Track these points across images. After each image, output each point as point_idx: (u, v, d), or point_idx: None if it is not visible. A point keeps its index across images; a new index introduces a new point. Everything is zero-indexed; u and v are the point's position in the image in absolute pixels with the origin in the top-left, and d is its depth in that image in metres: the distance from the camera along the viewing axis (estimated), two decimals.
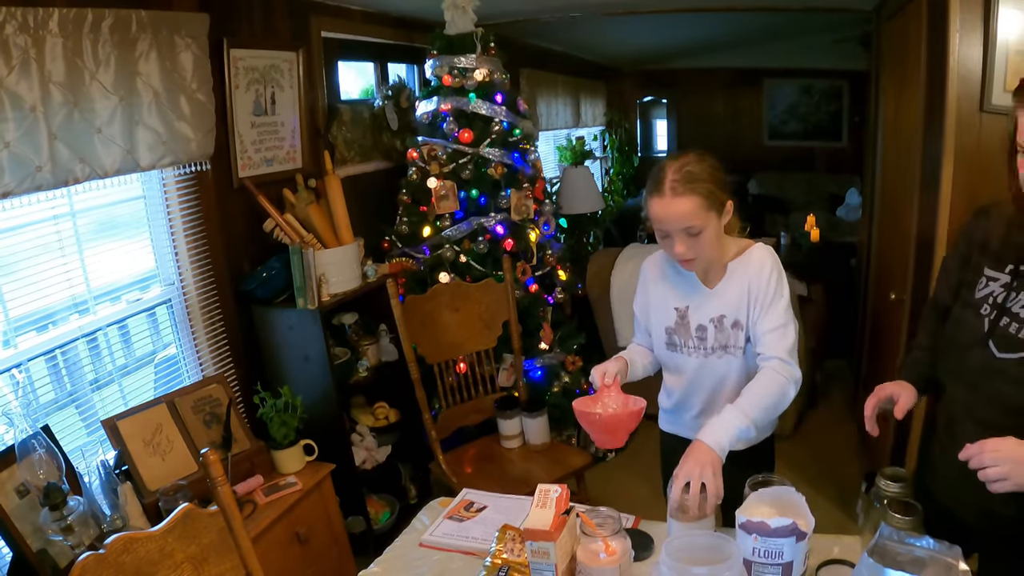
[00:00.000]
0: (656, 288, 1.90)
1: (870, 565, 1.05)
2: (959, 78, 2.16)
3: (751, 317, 1.75)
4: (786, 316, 1.73)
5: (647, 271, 1.94)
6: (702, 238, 1.66)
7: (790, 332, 1.73)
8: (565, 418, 3.51)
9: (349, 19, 3.46)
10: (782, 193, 7.53)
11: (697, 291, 1.82)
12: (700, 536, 1.31)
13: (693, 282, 1.82)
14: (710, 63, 7.63)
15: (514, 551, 1.53)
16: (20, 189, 1.90)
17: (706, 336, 1.81)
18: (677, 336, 1.86)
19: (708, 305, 1.80)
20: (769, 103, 7.88)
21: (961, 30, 2.13)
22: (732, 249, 1.80)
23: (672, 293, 1.86)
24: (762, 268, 1.74)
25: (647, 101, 8.56)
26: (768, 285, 1.72)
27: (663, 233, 1.70)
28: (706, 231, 1.66)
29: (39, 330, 2.17)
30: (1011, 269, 1.43)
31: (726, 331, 1.79)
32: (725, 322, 1.78)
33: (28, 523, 1.85)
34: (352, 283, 2.90)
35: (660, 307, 1.88)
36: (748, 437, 1.62)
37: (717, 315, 1.79)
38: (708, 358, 1.83)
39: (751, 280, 1.74)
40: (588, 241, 5.85)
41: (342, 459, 2.76)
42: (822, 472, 3.41)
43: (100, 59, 2.10)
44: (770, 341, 1.72)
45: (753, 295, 1.74)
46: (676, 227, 1.65)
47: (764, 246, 1.80)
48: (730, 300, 1.77)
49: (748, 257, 1.77)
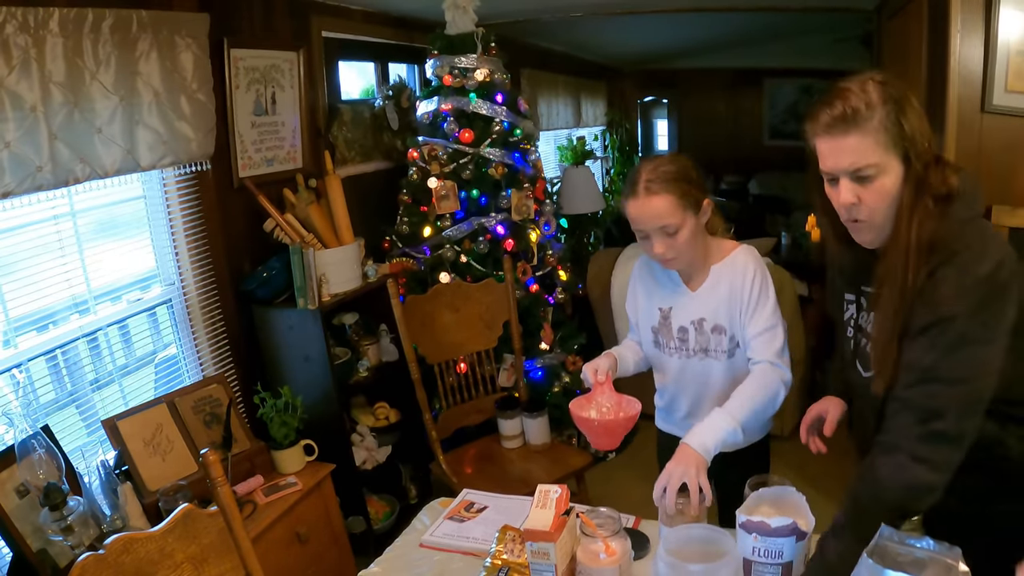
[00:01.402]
0: (643, 288, 1.92)
1: (869, 566, 1.05)
2: (960, 78, 2.17)
3: (738, 322, 1.75)
4: (774, 318, 1.73)
5: (636, 270, 1.96)
6: (679, 237, 1.68)
7: (779, 334, 1.74)
8: (565, 418, 3.50)
9: (350, 19, 3.46)
10: (783, 193, 7.53)
11: (680, 293, 1.83)
12: (696, 529, 1.32)
13: (677, 283, 1.84)
14: (711, 63, 7.63)
15: (514, 552, 1.53)
16: (20, 189, 1.90)
17: (687, 338, 1.83)
18: (661, 336, 1.88)
19: (689, 307, 1.81)
20: (770, 103, 7.88)
21: (962, 30, 2.13)
22: (716, 251, 1.81)
23: (657, 293, 1.88)
24: (745, 273, 1.74)
25: (648, 101, 8.56)
26: (752, 289, 1.73)
27: (642, 234, 1.72)
28: (683, 230, 1.67)
29: (39, 330, 2.17)
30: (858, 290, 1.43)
31: (706, 334, 1.80)
32: (705, 325, 1.79)
33: (28, 523, 1.85)
34: (352, 283, 2.90)
35: (646, 307, 1.90)
36: (736, 440, 1.61)
37: (697, 318, 1.80)
38: (690, 359, 1.84)
39: (734, 286, 1.75)
40: (589, 241, 5.85)
41: (342, 459, 2.76)
42: (822, 472, 3.40)
43: (100, 59, 2.10)
44: (759, 345, 1.73)
45: (738, 301, 1.74)
46: (652, 226, 1.68)
47: (748, 248, 1.80)
48: (711, 304, 1.78)
49: (731, 261, 1.78)
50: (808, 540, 1.30)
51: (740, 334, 1.77)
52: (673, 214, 1.66)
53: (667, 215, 1.65)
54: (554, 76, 5.83)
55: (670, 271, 1.83)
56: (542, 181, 3.64)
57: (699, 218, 1.71)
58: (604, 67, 7.22)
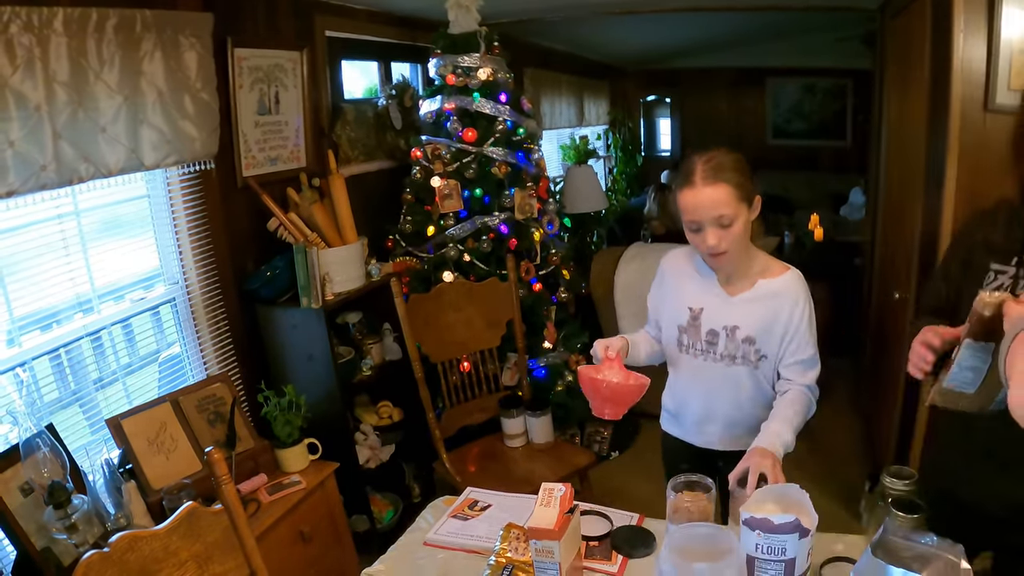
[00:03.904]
0: (674, 284, 1.90)
1: (873, 561, 1.05)
2: (963, 77, 2.16)
3: (778, 346, 1.77)
4: (814, 348, 1.77)
5: (667, 265, 1.94)
6: (733, 229, 1.67)
7: (817, 363, 1.78)
8: (569, 417, 3.52)
9: (353, 18, 3.46)
10: (786, 192, 7.50)
11: (715, 295, 1.81)
12: (700, 527, 1.32)
13: (713, 284, 1.81)
14: (714, 62, 7.62)
15: (518, 550, 1.53)
16: (25, 188, 1.91)
17: (716, 342, 1.81)
18: (687, 336, 1.85)
19: (724, 312, 1.79)
20: (773, 102, 7.86)
21: (965, 29, 2.13)
22: (763, 265, 1.80)
23: (689, 291, 1.85)
24: (796, 302, 1.75)
25: (651, 100, 8.55)
26: (802, 320, 1.75)
27: (695, 226, 1.69)
28: (737, 222, 1.66)
29: (43, 329, 2.18)
30: (1016, 260, 1.47)
31: (736, 342, 1.78)
32: (738, 334, 1.78)
33: (32, 521, 1.86)
34: (356, 282, 2.91)
35: (674, 304, 1.88)
36: (789, 449, 1.66)
37: (731, 325, 1.78)
38: (715, 364, 1.83)
39: (781, 311, 1.75)
40: (592, 240, 5.85)
41: (346, 458, 2.76)
42: (825, 470, 3.40)
43: (104, 58, 2.11)
44: (798, 371, 1.77)
45: (783, 327, 1.75)
46: (708, 216, 1.66)
47: (798, 276, 1.79)
48: (750, 317, 1.77)
49: (782, 284, 1.77)
50: (811, 537, 1.30)
51: (775, 355, 1.78)
52: (729, 204, 1.64)
53: (723, 204, 1.64)
54: (557, 75, 5.84)
55: (705, 271, 1.82)
56: (545, 180, 3.65)
57: (751, 213, 1.71)
58: (607, 66, 7.22)
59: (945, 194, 2.24)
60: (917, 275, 2.61)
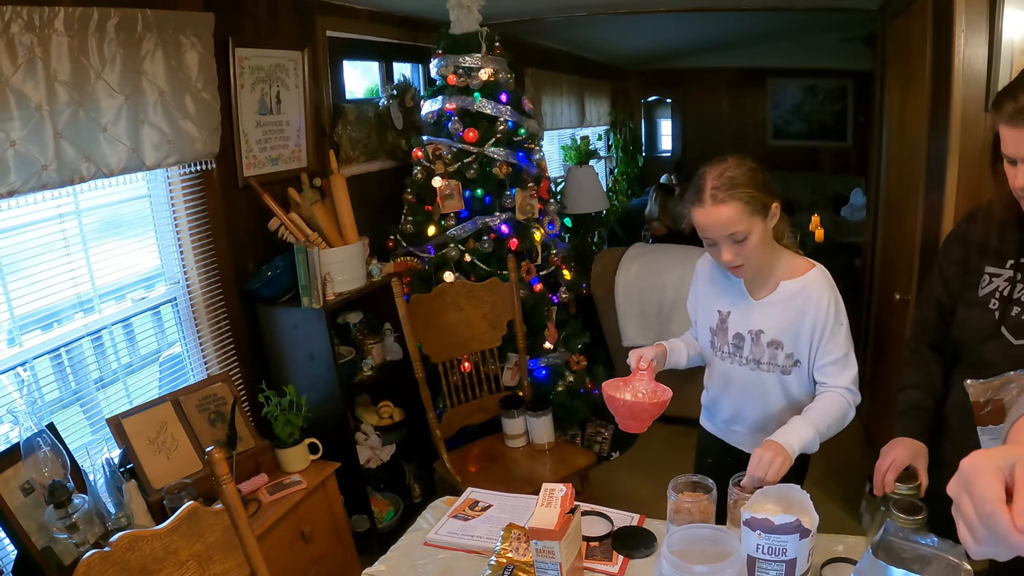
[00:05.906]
0: (705, 286, 1.90)
1: (874, 562, 1.05)
2: (964, 78, 2.16)
3: (808, 347, 1.73)
4: (847, 345, 1.72)
5: (700, 267, 1.93)
6: (748, 243, 1.63)
7: (852, 361, 1.73)
8: (569, 417, 3.52)
9: (354, 19, 3.47)
10: (786, 193, 7.48)
11: (741, 298, 1.79)
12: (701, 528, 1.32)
13: (739, 287, 1.80)
14: (714, 62, 7.63)
15: (519, 550, 1.53)
16: (26, 188, 1.91)
17: (742, 346, 1.80)
18: (717, 338, 1.86)
19: (749, 316, 1.78)
20: (773, 103, 7.86)
21: (966, 30, 2.13)
22: (786, 266, 1.76)
23: (717, 294, 1.85)
24: (820, 299, 1.70)
25: (651, 100, 8.56)
26: (828, 317, 1.69)
27: (709, 241, 1.68)
28: (752, 236, 1.63)
29: (44, 328, 2.18)
30: (1012, 263, 1.46)
31: (762, 347, 1.76)
32: (763, 338, 1.76)
33: (33, 521, 1.86)
34: (357, 282, 2.91)
35: (705, 306, 1.88)
36: (813, 448, 1.64)
37: (756, 329, 1.76)
38: (741, 368, 1.82)
39: (807, 311, 1.70)
40: (593, 240, 5.85)
41: (346, 458, 2.76)
42: (826, 472, 3.40)
43: (106, 58, 2.11)
44: (833, 371, 1.72)
45: (810, 327, 1.71)
46: (720, 234, 1.63)
47: (822, 270, 1.75)
48: (774, 319, 1.74)
49: (805, 283, 1.73)
50: (811, 538, 1.30)
51: (807, 358, 1.74)
52: (740, 221, 1.60)
53: (734, 223, 1.60)
54: (558, 75, 5.84)
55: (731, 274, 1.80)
56: (546, 180, 3.65)
57: (767, 222, 1.66)
58: (608, 67, 7.22)
59: (946, 196, 2.24)
60: (918, 277, 2.61)
